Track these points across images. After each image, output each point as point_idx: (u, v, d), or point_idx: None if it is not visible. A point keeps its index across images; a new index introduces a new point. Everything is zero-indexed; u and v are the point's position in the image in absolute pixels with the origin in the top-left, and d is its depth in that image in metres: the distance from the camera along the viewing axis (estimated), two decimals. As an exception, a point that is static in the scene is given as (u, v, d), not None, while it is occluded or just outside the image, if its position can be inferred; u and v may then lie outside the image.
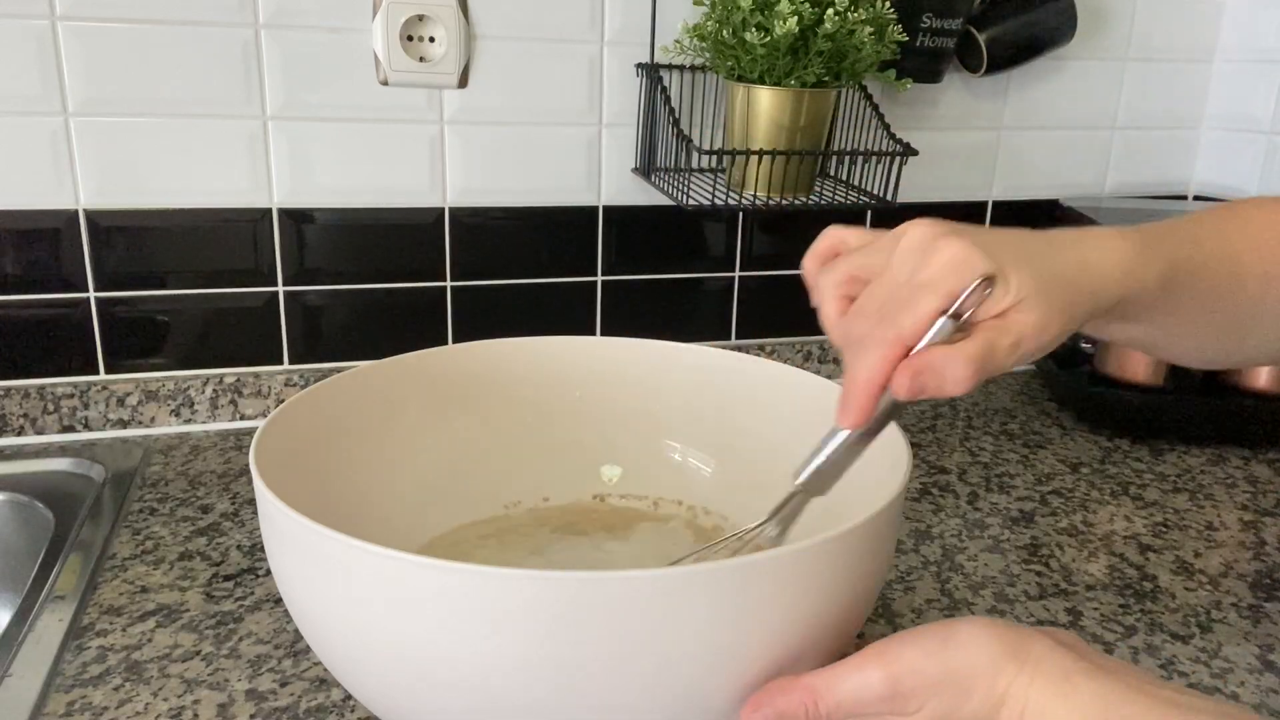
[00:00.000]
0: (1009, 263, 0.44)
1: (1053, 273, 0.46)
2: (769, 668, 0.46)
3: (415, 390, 0.68)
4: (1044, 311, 0.44)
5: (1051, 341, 0.45)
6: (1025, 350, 0.45)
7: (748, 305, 1.10)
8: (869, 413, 0.46)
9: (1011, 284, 0.44)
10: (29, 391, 0.91)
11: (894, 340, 0.44)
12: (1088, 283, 0.47)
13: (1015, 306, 0.44)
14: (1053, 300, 0.45)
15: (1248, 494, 0.90)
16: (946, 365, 0.43)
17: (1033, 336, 0.44)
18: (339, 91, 0.92)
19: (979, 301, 0.44)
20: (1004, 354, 0.44)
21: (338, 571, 0.44)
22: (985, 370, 0.44)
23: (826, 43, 0.83)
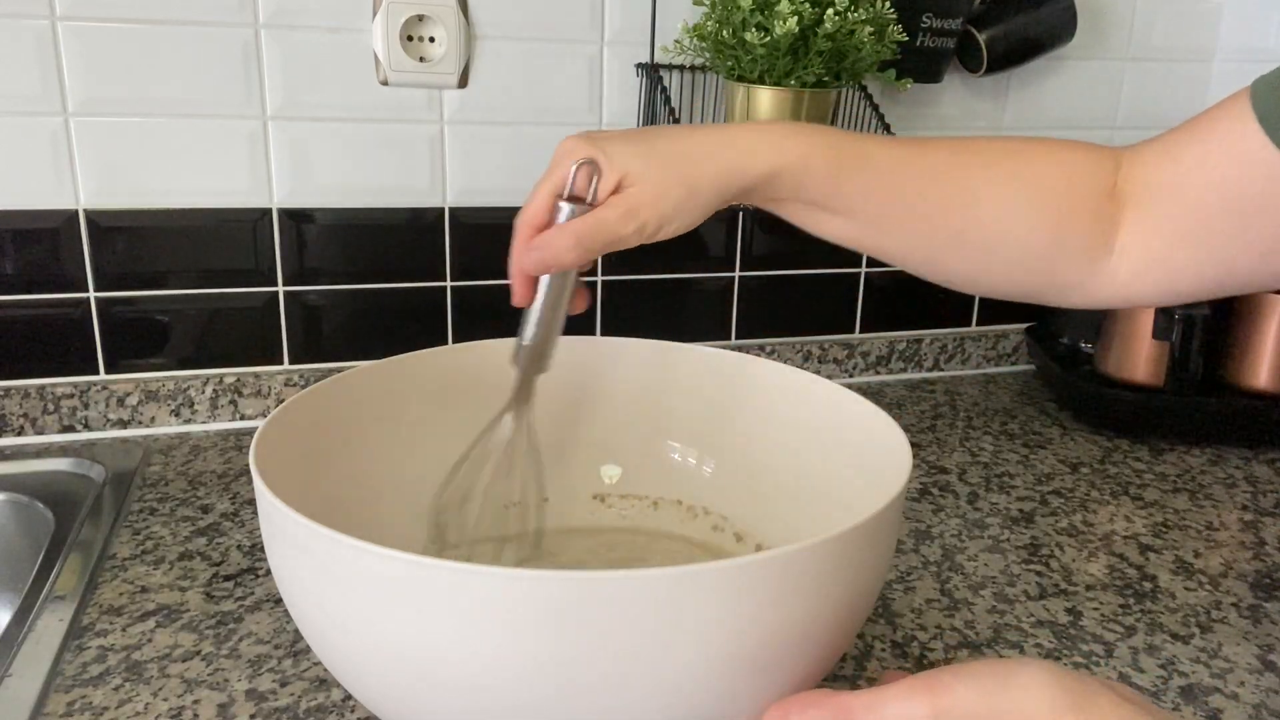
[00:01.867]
0: (615, 147, 0.51)
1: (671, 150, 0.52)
2: (769, 667, 0.46)
3: (415, 390, 0.68)
4: (655, 182, 0.51)
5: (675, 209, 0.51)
6: (645, 219, 0.51)
7: (748, 305, 1.10)
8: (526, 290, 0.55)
9: (615, 162, 0.51)
10: (29, 391, 0.91)
11: (522, 225, 0.53)
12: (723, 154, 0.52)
13: (625, 180, 0.51)
14: (666, 170, 0.51)
15: (1248, 494, 0.90)
16: (554, 238, 0.51)
17: (648, 204, 0.51)
18: (339, 91, 0.92)
19: (589, 182, 0.51)
20: (616, 222, 0.51)
21: (338, 571, 0.44)
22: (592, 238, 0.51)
23: (826, 43, 0.83)
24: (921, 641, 0.65)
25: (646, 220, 0.51)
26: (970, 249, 0.56)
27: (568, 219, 0.52)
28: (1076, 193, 0.55)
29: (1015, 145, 0.58)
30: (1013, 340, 1.21)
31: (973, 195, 0.55)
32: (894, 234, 0.57)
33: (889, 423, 0.58)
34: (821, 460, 0.64)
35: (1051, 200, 0.55)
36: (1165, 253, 0.54)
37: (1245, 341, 1.01)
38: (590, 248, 0.51)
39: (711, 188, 0.52)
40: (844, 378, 1.16)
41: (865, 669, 0.62)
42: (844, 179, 0.54)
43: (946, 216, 0.55)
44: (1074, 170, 0.56)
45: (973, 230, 0.56)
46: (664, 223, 0.52)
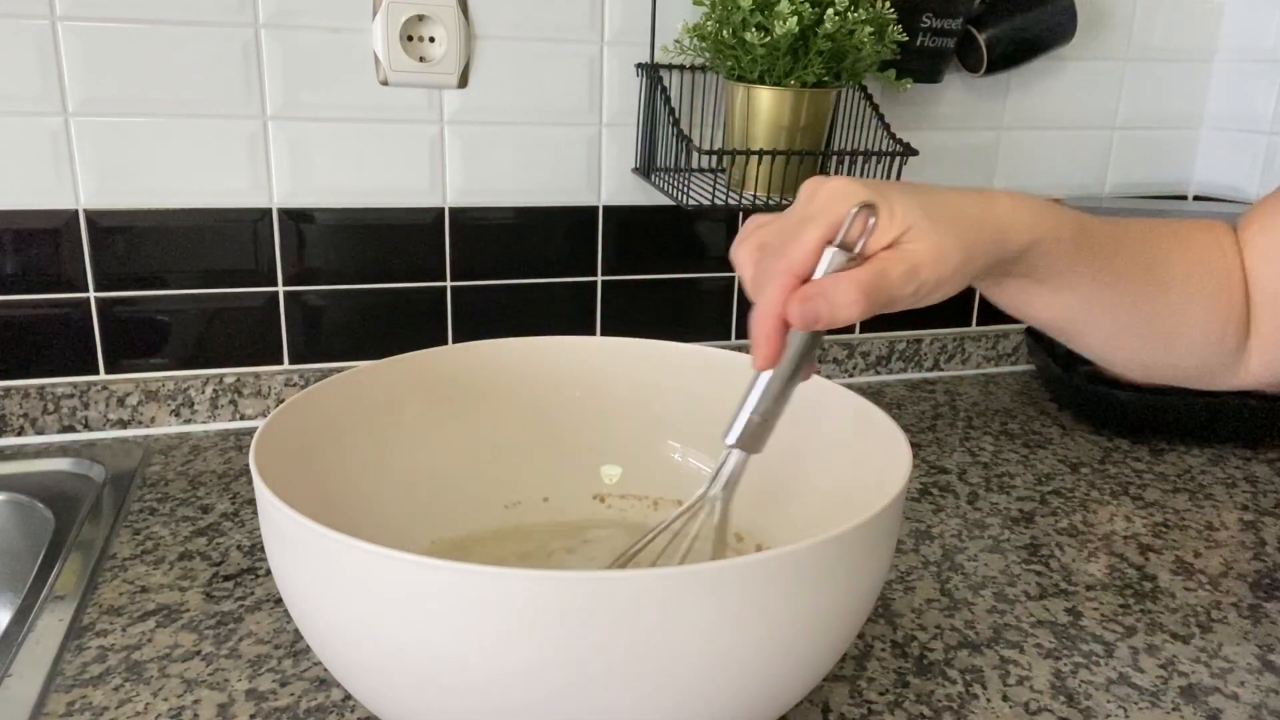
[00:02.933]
0: (895, 196, 0.46)
1: (947, 208, 0.47)
2: (769, 667, 0.46)
3: (415, 390, 0.68)
4: (937, 240, 0.45)
5: (953, 273, 0.46)
6: (924, 279, 0.46)
7: (747, 305, 1.09)
8: (776, 349, 0.47)
9: (897, 212, 0.45)
10: (29, 391, 0.91)
11: (784, 271, 0.46)
12: (992, 221, 0.48)
13: (906, 235, 0.45)
14: (947, 231, 0.46)
15: (1248, 494, 0.90)
16: (835, 289, 0.44)
17: (929, 264, 0.45)
18: (339, 91, 0.92)
19: (864, 230, 0.45)
20: (898, 280, 0.45)
21: (338, 571, 0.44)
22: (877, 294, 0.45)
23: (826, 43, 0.83)
24: (921, 641, 0.65)
25: (925, 281, 0.46)
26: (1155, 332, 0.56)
27: (833, 268, 0.45)
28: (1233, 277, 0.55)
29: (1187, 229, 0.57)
30: (1013, 340, 1.21)
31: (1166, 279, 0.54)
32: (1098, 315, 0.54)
33: (889, 423, 0.58)
34: (821, 460, 0.64)
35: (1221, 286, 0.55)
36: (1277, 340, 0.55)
37: (1245, 341, 1.00)
38: (873, 304, 0.45)
39: (984, 255, 0.47)
40: (844, 378, 1.16)
41: (865, 669, 0.62)
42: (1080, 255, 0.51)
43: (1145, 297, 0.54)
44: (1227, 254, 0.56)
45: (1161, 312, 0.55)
46: (941, 284, 0.46)
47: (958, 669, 0.63)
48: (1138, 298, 0.54)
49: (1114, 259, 0.53)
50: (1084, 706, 0.60)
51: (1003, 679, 0.62)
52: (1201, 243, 0.56)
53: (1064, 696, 0.60)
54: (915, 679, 0.61)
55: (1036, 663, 0.64)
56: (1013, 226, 0.48)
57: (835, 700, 0.59)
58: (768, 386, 0.49)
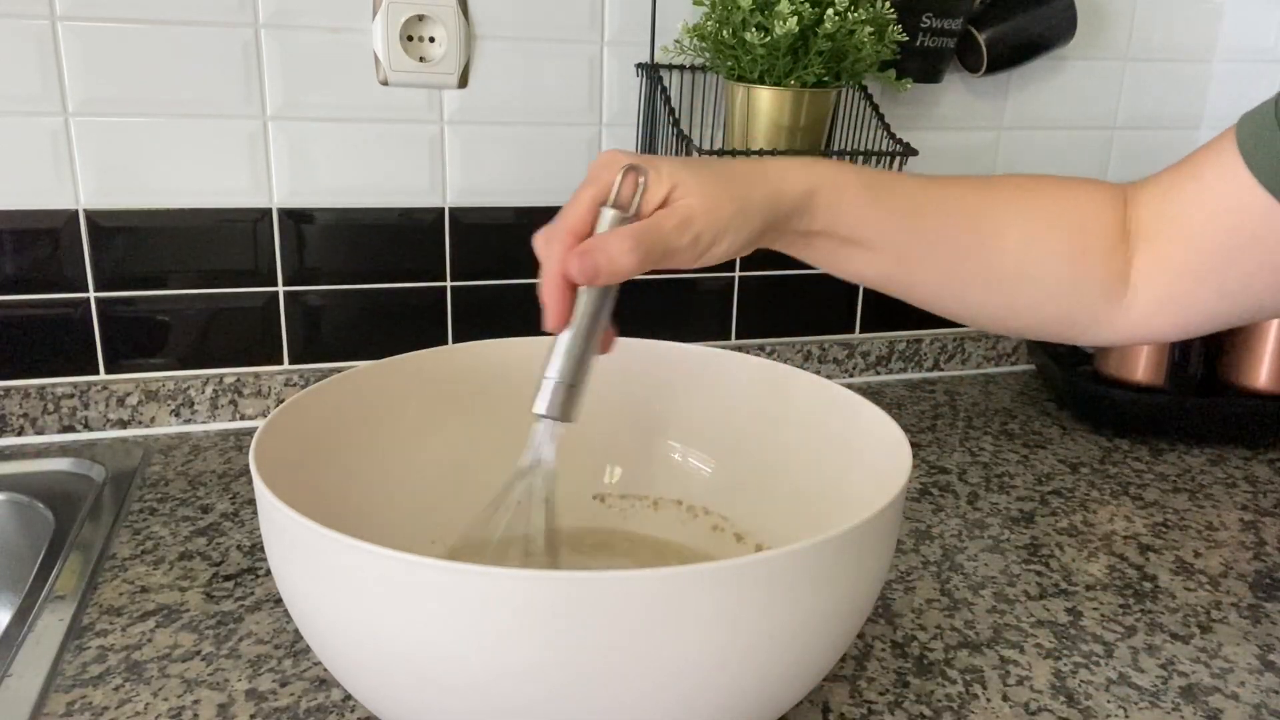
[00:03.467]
0: (662, 160, 0.49)
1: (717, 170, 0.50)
2: (769, 667, 0.46)
3: (415, 390, 0.68)
4: (707, 193, 0.48)
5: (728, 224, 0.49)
6: (699, 229, 0.48)
7: (748, 305, 1.10)
8: (564, 307, 0.49)
9: (664, 172, 0.48)
10: (29, 391, 0.91)
11: (563, 231, 0.48)
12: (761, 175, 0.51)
13: (675, 191, 0.48)
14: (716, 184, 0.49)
15: (1248, 494, 0.90)
16: (609, 241, 0.47)
17: (701, 215, 0.48)
18: (339, 91, 0.92)
19: (634, 190, 0.48)
20: (672, 231, 0.48)
21: (338, 571, 0.44)
22: (651, 243, 0.47)
23: (826, 43, 0.83)
24: (921, 641, 0.65)
25: (701, 232, 0.48)
26: (995, 284, 0.56)
27: (611, 225, 0.48)
28: (1091, 229, 0.55)
29: (1031, 182, 0.57)
30: (1013, 340, 1.21)
31: (995, 229, 0.55)
32: (922, 270, 0.56)
33: (889, 423, 0.58)
34: (821, 460, 0.64)
35: (1069, 236, 0.55)
36: (1174, 289, 0.55)
37: (1245, 341, 1.00)
38: (649, 253, 0.47)
39: (759, 208, 0.50)
40: (844, 378, 1.16)
41: (865, 669, 0.62)
42: (874, 205, 0.53)
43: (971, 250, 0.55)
44: (1087, 207, 0.56)
45: (996, 265, 0.55)
46: (717, 238, 0.49)
47: (958, 669, 0.63)
48: (963, 253, 0.55)
49: (924, 214, 0.54)
50: (1084, 706, 0.60)
51: (1003, 679, 0.62)
52: (1050, 194, 0.57)
53: (1064, 696, 0.60)
54: (915, 679, 0.62)
55: (1036, 663, 0.64)
56: (784, 178, 0.51)
57: (835, 700, 0.59)
58: (568, 350, 0.49)
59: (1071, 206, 0.56)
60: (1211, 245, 0.53)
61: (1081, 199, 0.56)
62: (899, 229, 0.54)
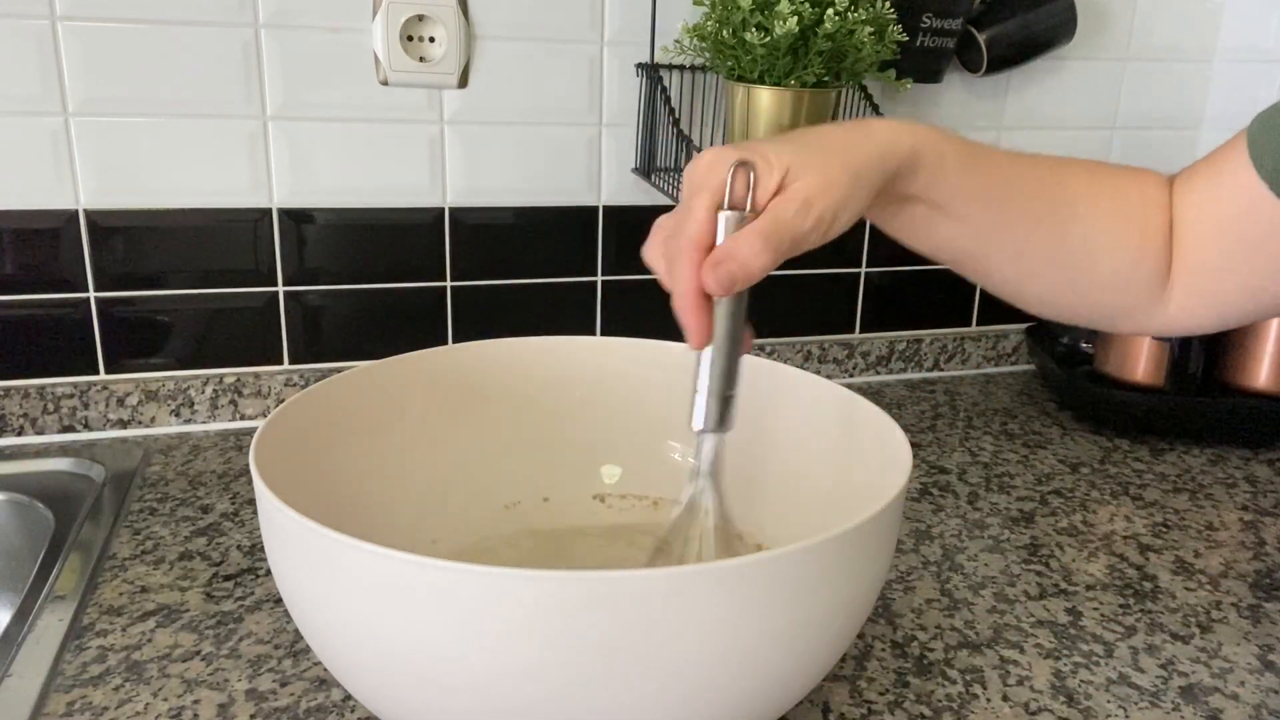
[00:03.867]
0: (767, 146, 0.47)
1: (822, 142, 0.48)
2: (769, 667, 0.46)
3: (415, 390, 0.68)
4: (820, 171, 0.47)
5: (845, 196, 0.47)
6: (820, 209, 0.46)
7: (747, 305, 1.10)
8: (705, 323, 0.48)
9: (771, 159, 0.46)
10: (29, 391, 0.91)
11: (688, 246, 0.46)
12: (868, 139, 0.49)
13: (789, 175, 0.46)
14: (827, 158, 0.47)
15: (1248, 494, 0.90)
16: (738, 246, 0.45)
17: (819, 194, 0.46)
18: (339, 91, 0.92)
19: (748, 186, 0.46)
20: (795, 218, 0.46)
21: (338, 571, 0.44)
22: (779, 237, 0.46)
23: (826, 43, 0.83)
24: (921, 641, 0.65)
25: (822, 211, 0.46)
26: (1066, 265, 0.56)
27: (733, 229, 0.46)
28: (1150, 223, 0.56)
29: (1099, 168, 0.58)
30: (1013, 340, 1.21)
31: (1074, 209, 0.55)
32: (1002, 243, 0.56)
33: (889, 423, 0.58)
34: (821, 460, 0.64)
35: (1133, 227, 0.56)
36: (1203, 285, 0.56)
37: (1245, 341, 1.00)
38: (779, 248, 0.46)
39: (872, 170, 0.48)
40: (844, 378, 1.16)
41: (865, 669, 0.62)
42: (972, 171, 0.53)
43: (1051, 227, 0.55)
44: (1149, 200, 0.57)
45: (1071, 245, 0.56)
46: (839, 211, 0.47)
47: (958, 669, 0.63)
48: (1039, 229, 0.55)
49: (1012, 186, 0.54)
50: (1084, 706, 0.60)
51: (1003, 679, 0.62)
52: (1118, 181, 0.57)
53: (1064, 696, 0.60)
54: (915, 679, 0.61)
55: (1036, 663, 0.64)
56: (892, 140, 0.49)
57: (835, 700, 0.59)
58: (713, 364, 0.49)
59: (1137, 198, 0.57)
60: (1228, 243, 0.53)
61: (1146, 191, 0.57)
62: (987, 200, 0.54)
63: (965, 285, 1.17)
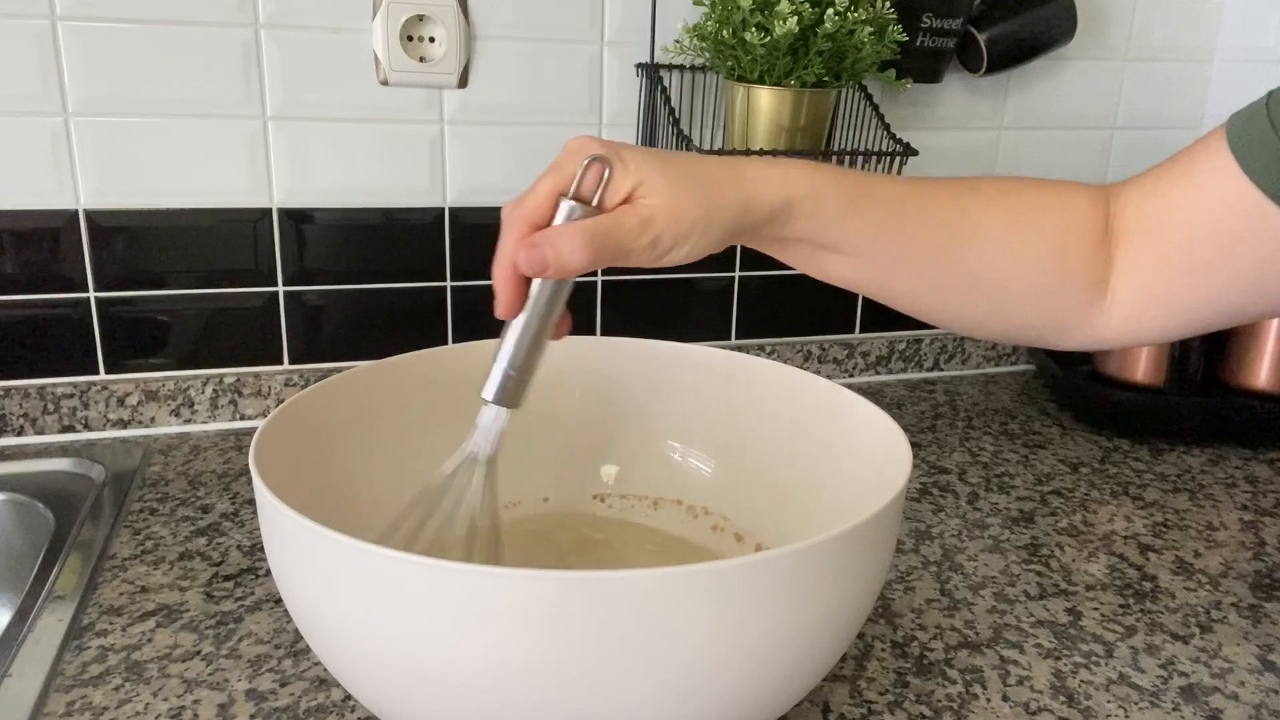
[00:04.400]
0: (631, 154, 0.47)
1: (688, 167, 0.48)
2: (769, 667, 0.46)
3: (415, 390, 0.68)
4: (673, 196, 0.46)
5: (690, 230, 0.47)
6: (659, 233, 0.46)
7: (748, 305, 1.10)
8: (513, 296, 0.48)
9: (630, 167, 0.46)
10: (29, 391, 0.91)
11: (519, 219, 0.47)
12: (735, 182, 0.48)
13: (640, 189, 0.46)
14: (684, 188, 0.47)
15: (1248, 494, 0.90)
16: (560, 236, 0.46)
17: (663, 218, 0.46)
18: (339, 91, 0.92)
19: (598, 183, 0.46)
20: (630, 232, 0.46)
21: (338, 571, 0.44)
22: (604, 242, 0.46)
23: (826, 43, 0.83)
24: (921, 641, 0.65)
25: (661, 235, 0.47)
26: (976, 290, 0.55)
27: (571, 219, 0.46)
28: (1073, 231, 0.55)
29: (1011, 185, 0.56)
30: (1013, 340, 1.21)
31: (976, 233, 0.54)
32: (901, 275, 0.55)
33: (889, 423, 0.58)
34: (821, 460, 0.64)
35: (1051, 238, 0.55)
36: (1157, 290, 0.54)
37: (1245, 341, 1.00)
38: (600, 252, 0.46)
39: (726, 218, 0.48)
40: (844, 378, 1.16)
41: (865, 669, 0.62)
42: (854, 214, 0.52)
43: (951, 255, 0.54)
44: (1068, 208, 0.55)
45: (977, 270, 0.54)
46: (678, 243, 0.47)
47: (958, 669, 0.63)
48: (940, 259, 0.54)
49: (904, 221, 0.53)
50: (1084, 706, 0.60)
51: (1003, 679, 0.62)
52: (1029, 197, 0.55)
53: (1064, 696, 0.60)
54: (915, 679, 0.62)
55: (1036, 663, 0.64)
56: (759, 189, 0.49)
57: (835, 700, 0.59)
58: (519, 339, 0.49)
59: (1053, 209, 0.55)
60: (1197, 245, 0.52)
61: (1063, 201, 0.55)
62: (878, 236, 0.53)
63: (965, 285, 1.17)
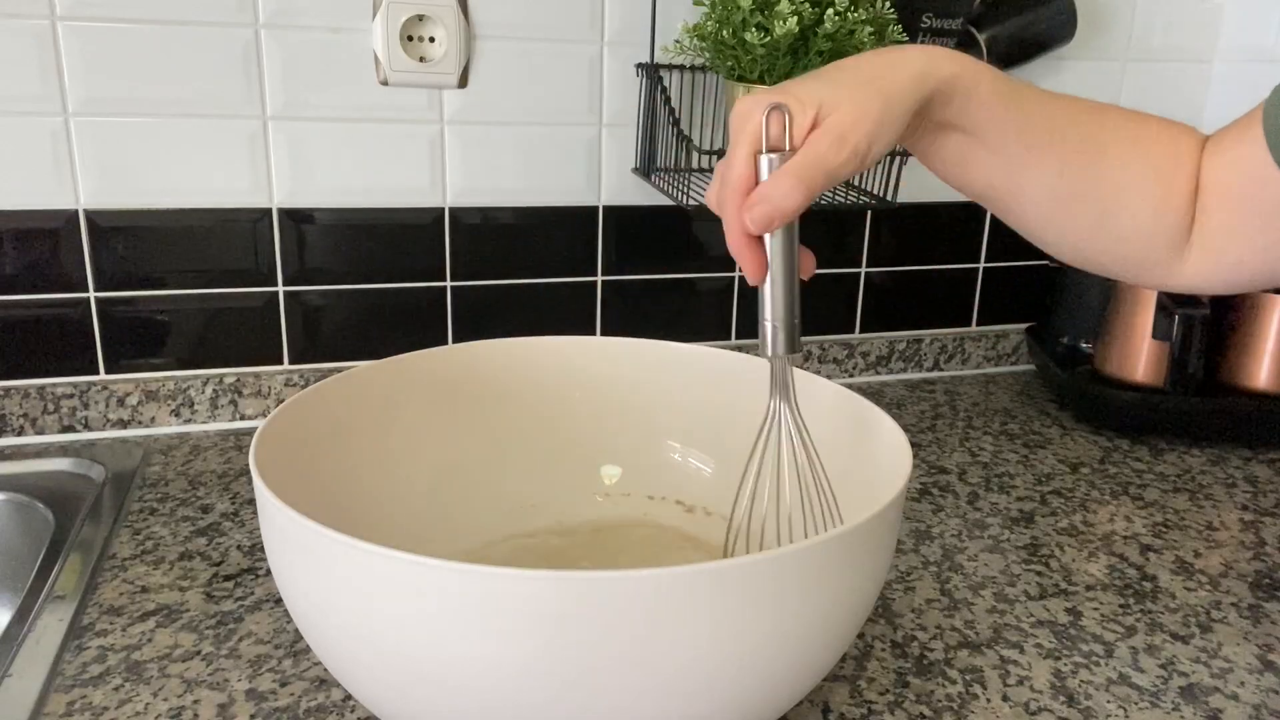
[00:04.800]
0: (798, 86, 0.49)
1: (855, 72, 0.50)
2: (769, 667, 0.46)
3: (415, 390, 0.68)
4: (853, 103, 0.48)
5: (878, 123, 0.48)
6: (855, 141, 0.48)
7: (748, 305, 1.10)
8: (758, 259, 0.50)
9: (804, 97, 0.48)
10: (29, 391, 0.91)
11: (730, 193, 0.49)
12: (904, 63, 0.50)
13: (821, 111, 0.48)
14: (858, 88, 0.48)
15: (1248, 494, 0.90)
16: (771, 187, 0.48)
17: (851, 125, 0.47)
18: (339, 91, 0.92)
19: (783, 127, 0.48)
20: (829, 152, 0.47)
21: (338, 571, 0.44)
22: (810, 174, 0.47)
23: (826, 43, 0.83)
24: (921, 641, 0.65)
25: (857, 142, 0.48)
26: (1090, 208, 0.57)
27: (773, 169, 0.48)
28: (1178, 177, 0.57)
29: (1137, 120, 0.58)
30: (1013, 340, 1.21)
31: (1104, 152, 0.56)
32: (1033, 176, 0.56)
33: (889, 423, 0.58)
34: (821, 460, 0.64)
35: (1161, 178, 0.56)
36: (1218, 245, 0.56)
37: (1245, 341, 1.00)
38: (812, 185, 0.47)
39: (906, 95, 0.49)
40: (844, 378, 1.16)
41: (865, 669, 0.62)
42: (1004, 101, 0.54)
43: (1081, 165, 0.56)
44: (1180, 154, 0.57)
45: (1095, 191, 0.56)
46: (873, 141, 0.48)
47: (958, 669, 0.63)
48: (1070, 167, 0.56)
49: (1047, 121, 0.55)
50: (1084, 706, 0.60)
51: (1003, 679, 0.62)
52: (1152, 133, 0.57)
53: (1064, 696, 0.60)
54: (915, 679, 0.62)
55: (1036, 663, 0.64)
56: (926, 65, 0.50)
57: (835, 700, 0.59)
58: (773, 295, 0.52)
59: (1169, 154, 0.57)
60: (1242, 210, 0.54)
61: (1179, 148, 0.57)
62: (1020, 131, 0.54)
63: (965, 285, 1.18)
